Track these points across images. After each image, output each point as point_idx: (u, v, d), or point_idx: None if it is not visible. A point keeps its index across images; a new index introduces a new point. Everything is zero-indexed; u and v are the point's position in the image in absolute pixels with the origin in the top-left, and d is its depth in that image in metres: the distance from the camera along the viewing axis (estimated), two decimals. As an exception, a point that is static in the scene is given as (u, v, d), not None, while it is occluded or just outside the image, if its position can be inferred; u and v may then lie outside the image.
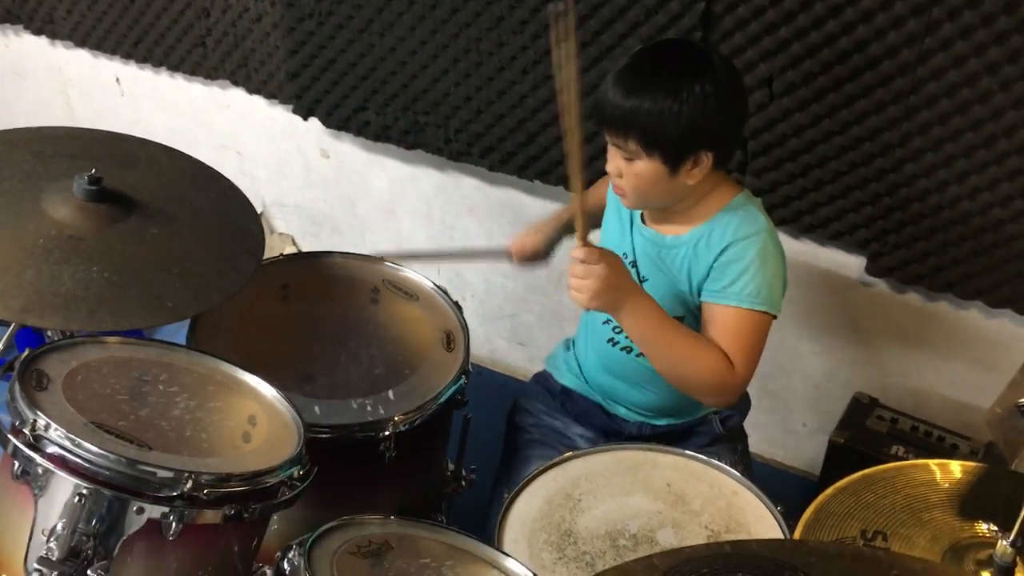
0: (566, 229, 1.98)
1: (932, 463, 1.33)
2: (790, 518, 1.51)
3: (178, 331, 1.82)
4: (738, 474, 1.62)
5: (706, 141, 1.58)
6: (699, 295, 1.68)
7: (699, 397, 1.73)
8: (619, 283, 1.56)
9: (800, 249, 2.23)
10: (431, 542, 1.39)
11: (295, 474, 1.39)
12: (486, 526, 1.61)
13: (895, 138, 1.99)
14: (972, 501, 1.25)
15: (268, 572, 1.27)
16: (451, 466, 1.92)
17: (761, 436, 2.51)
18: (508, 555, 1.39)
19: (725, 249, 1.64)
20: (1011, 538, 1.10)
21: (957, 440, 2.20)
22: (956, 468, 1.31)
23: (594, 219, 1.90)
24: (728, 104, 1.59)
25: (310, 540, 1.27)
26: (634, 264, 1.75)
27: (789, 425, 2.51)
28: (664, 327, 1.61)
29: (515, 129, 2.36)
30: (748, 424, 1.98)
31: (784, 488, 1.68)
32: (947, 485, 1.29)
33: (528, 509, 1.56)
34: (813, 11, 1.93)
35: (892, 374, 2.31)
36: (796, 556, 0.88)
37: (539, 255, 1.99)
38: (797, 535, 1.21)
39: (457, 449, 1.90)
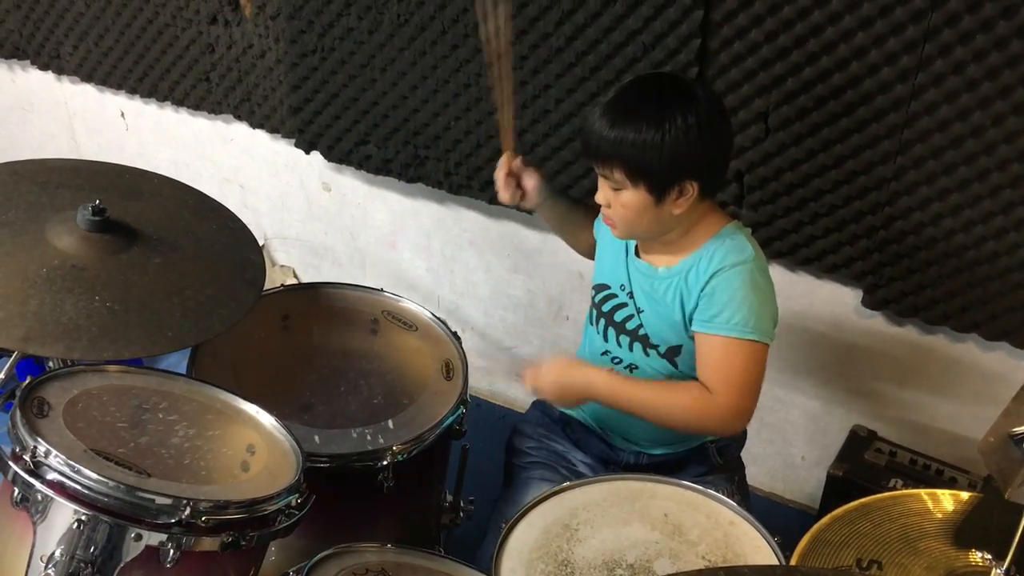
0: (561, 206, 1.97)
1: (927, 492, 1.34)
2: (788, 550, 1.51)
3: (180, 362, 1.83)
4: (735, 504, 1.62)
5: (690, 171, 1.60)
6: (692, 324, 1.69)
7: (693, 431, 1.79)
8: (567, 383, 1.72)
9: (796, 282, 2.24)
10: (427, 571, 1.39)
11: (293, 502, 1.40)
12: (483, 555, 1.61)
13: (889, 172, 2.02)
14: (967, 530, 1.25)
15: (265, 600, 1.27)
16: (449, 497, 1.93)
17: (760, 469, 2.51)
18: (505, 584, 1.39)
19: (711, 278, 1.66)
20: (1004, 566, 1.11)
21: (956, 473, 2.19)
22: (951, 498, 1.32)
23: (579, 234, 1.98)
24: (712, 134, 1.61)
25: (307, 568, 1.28)
26: (631, 295, 1.77)
27: (788, 458, 2.51)
28: (629, 392, 1.70)
29: (514, 163, 2.38)
30: (747, 457, 1.98)
31: (783, 521, 1.68)
32: (942, 515, 1.30)
33: (526, 539, 1.56)
34: (807, 47, 1.96)
35: (890, 407, 2.31)
36: (789, 581, 0.88)
37: (528, 186, 1.88)
38: (792, 563, 1.21)
39: (455, 480, 1.90)
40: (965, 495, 1.32)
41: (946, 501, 1.32)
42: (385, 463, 1.64)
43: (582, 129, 1.66)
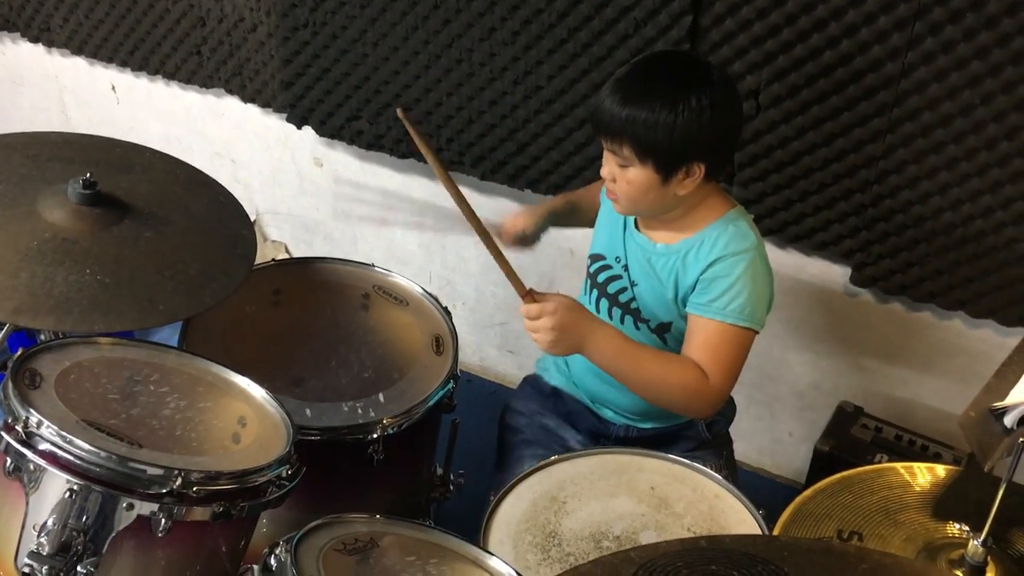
0: (556, 218, 1.99)
1: (907, 466, 1.36)
2: (773, 523, 1.53)
3: (171, 337, 1.84)
4: (721, 478, 1.64)
5: (699, 152, 1.61)
6: (684, 305, 1.71)
7: (677, 411, 1.77)
8: (572, 327, 1.58)
9: (786, 259, 2.26)
10: (416, 541, 1.41)
11: (283, 473, 1.41)
12: (472, 527, 1.63)
13: (879, 150, 2.03)
14: (946, 503, 1.28)
15: (255, 568, 1.28)
16: (439, 470, 1.95)
17: (748, 445, 2.54)
18: (493, 554, 1.41)
19: (713, 263, 1.67)
20: (982, 538, 1.13)
21: (941, 449, 2.22)
22: (931, 471, 1.34)
23: (586, 218, 1.95)
24: (723, 117, 1.61)
25: (296, 537, 1.29)
26: (626, 267, 1.78)
27: (776, 434, 2.53)
28: (629, 355, 1.63)
29: (506, 139, 2.39)
30: (735, 433, 2.00)
31: (770, 495, 1.69)
32: (922, 488, 1.32)
33: (514, 511, 1.58)
34: (798, 25, 1.97)
35: (877, 383, 2.34)
36: (769, 550, 0.90)
37: (527, 238, 1.96)
38: (775, 534, 1.24)
39: (445, 454, 1.92)
40: (945, 469, 1.34)
41: (926, 475, 1.34)
42: (375, 436, 1.65)
43: (592, 105, 1.65)
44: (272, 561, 1.28)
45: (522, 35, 2.23)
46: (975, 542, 1.14)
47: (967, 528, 1.21)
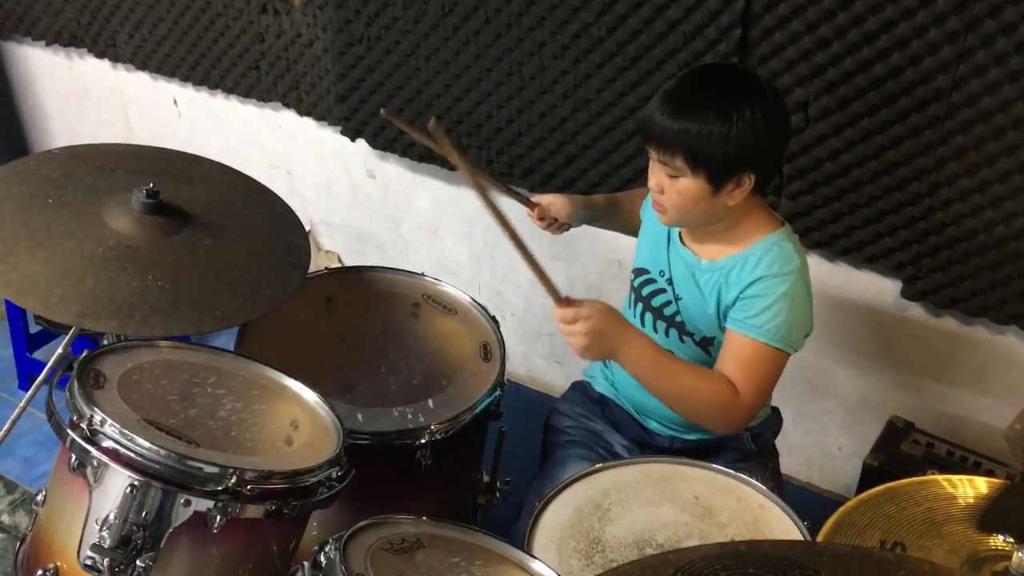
0: (594, 211, 2.01)
1: (954, 478, 1.35)
2: (817, 535, 1.53)
3: (227, 344, 1.89)
4: (766, 489, 1.64)
5: (751, 163, 1.62)
6: (724, 319, 1.72)
7: (705, 425, 1.76)
8: (607, 331, 1.58)
9: (835, 272, 2.25)
10: (461, 543, 1.44)
11: (333, 475, 1.45)
12: (518, 532, 1.65)
13: (930, 163, 2.01)
14: (991, 516, 1.27)
15: (306, 565, 1.32)
16: (486, 477, 1.97)
17: (796, 459, 2.52)
18: (536, 558, 1.43)
19: (754, 282, 1.67)
20: (1027, 549, 1.12)
21: (993, 466, 2.19)
22: (977, 483, 1.33)
23: (623, 222, 2.00)
24: (774, 128, 1.62)
25: (346, 536, 1.32)
26: (670, 281, 1.80)
27: (825, 448, 2.51)
28: (662, 365, 1.63)
29: (555, 151, 2.42)
30: (783, 447, 2.00)
31: (818, 509, 1.67)
32: (968, 500, 1.31)
33: (558, 517, 1.60)
34: (848, 38, 1.97)
35: (928, 398, 2.31)
36: (807, 556, 0.91)
37: (561, 220, 1.97)
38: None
39: (492, 461, 1.94)
40: (990, 482, 1.33)
41: (971, 487, 1.33)
42: (423, 441, 1.69)
43: (643, 118, 1.66)
44: (322, 558, 1.31)
45: (572, 49, 2.26)
46: (1020, 554, 1.13)
47: (1012, 540, 1.20)
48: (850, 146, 2.07)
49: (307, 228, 3.01)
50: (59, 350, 1.76)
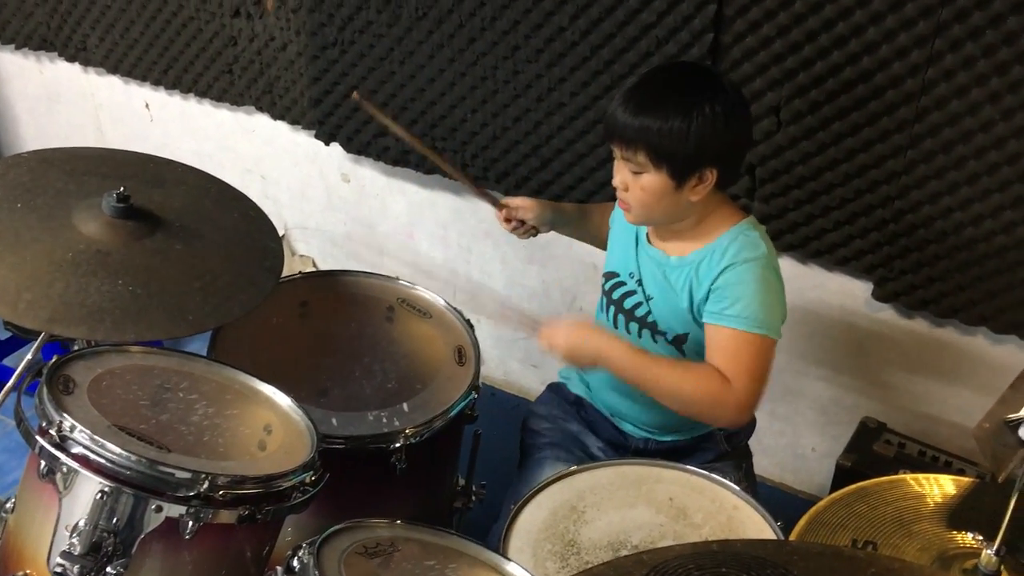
0: (563, 216, 2.01)
1: (922, 477, 1.36)
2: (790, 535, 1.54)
3: (200, 349, 1.88)
4: (739, 489, 1.66)
5: (712, 158, 1.63)
6: (699, 315, 1.73)
7: (705, 420, 1.78)
8: (581, 345, 1.68)
9: (807, 275, 2.27)
10: (436, 546, 1.44)
11: (307, 479, 1.44)
12: (494, 535, 1.65)
13: (900, 166, 2.04)
14: (961, 514, 1.28)
15: (279, 570, 1.31)
16: (461, 481, 1.97)
17: (770, 460, 2.54)
18: (511, 560, 1.43)
19: (723, 271, 1.69)
20: (995, 547, 1.14)
21: (964, 465, 2.21)
22: (946, 482, 1.35)
23: (592, 232, 2.02)
24: (735, 124, 1.65)
25: (319, 540, 1.32)
26: (640, 282, 1.80)
27: (798, 449, 2.53)
28: (645, 366, 1.67)
29: (529, 155, 2.42)
30: (757, 448, 2.01)
31: (791, 510, 1.68)
32: (938, 499, 1.32)
33: (533, 520, 1.60)
34: (819, 42, 1.99)
35: (899, 399, 2.33)
36: (779, 555, 0.92)
37: (528, 223, 1.97)
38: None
39: (468, 464, 1.94)
40: (959, 480, 1.35)
41: (941, 486, 1.35)
42: (398, 445, 1.68)
43: (605, 114, 1.69)
44: (295, 563, 1.31)
45: (545, 53, 2.27)
46: (988, 551, 1.15)
47: (981, 538, 1.22)
48: (821, 149, 2.09)
49: (281, 232, 3.00)
50: (28, 356, 1.74)
